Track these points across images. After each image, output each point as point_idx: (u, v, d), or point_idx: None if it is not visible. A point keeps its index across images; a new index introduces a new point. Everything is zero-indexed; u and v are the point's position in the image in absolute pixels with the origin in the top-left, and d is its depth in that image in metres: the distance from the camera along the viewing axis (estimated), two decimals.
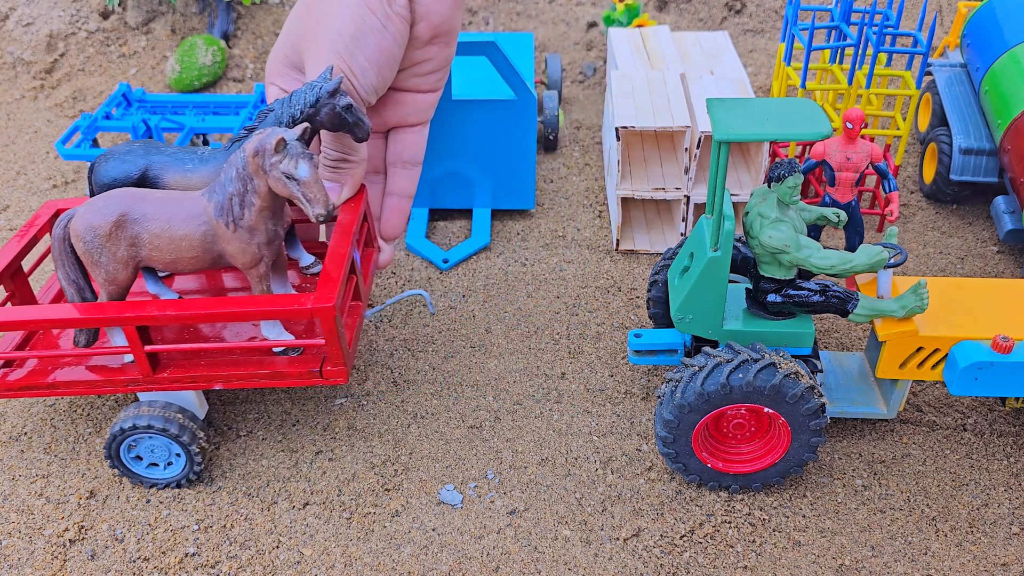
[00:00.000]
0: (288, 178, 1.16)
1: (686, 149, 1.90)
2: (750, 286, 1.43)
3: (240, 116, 2.29)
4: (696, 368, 1.34)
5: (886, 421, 1.57)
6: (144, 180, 1.38)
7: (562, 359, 1.72)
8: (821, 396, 1.33)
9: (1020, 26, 2.03)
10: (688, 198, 1.96)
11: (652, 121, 1.90)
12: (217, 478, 1.49)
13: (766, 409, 1.33)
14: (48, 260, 1.92)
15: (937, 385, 1.65)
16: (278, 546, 1.38)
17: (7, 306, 1.42)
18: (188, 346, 1.32)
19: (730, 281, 1.53)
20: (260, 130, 1.22)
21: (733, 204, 1.94)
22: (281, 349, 1.35)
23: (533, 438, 1.55)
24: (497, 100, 1.95)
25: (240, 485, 1.47)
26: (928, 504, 1.44)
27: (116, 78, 2.76)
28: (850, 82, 2.00)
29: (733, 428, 1.41)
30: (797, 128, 1.25)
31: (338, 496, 1.45)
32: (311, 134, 1.25)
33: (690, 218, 1.99)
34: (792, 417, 1.34)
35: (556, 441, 1.55)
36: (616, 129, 1.90)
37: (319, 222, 1.19)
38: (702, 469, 1.41)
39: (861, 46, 2.02)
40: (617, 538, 1.39)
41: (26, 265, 1.70)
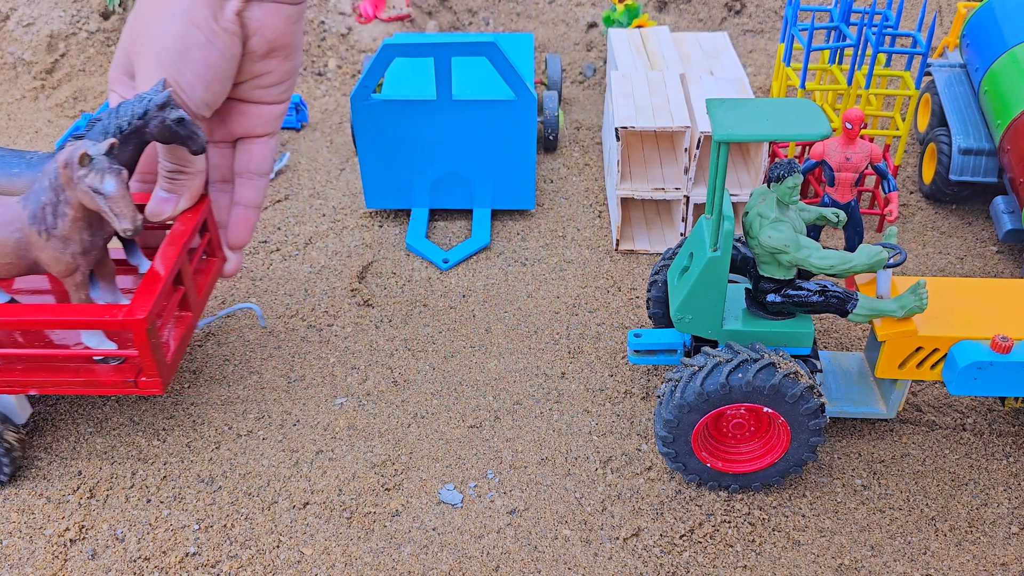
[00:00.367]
0: (95, 192, 1.15)
1: (686, 149, 1.90)
2: (750, 286, 1.43)
3: None
4: (696, 368, 1.34)
5: (885, 421, 1.58)
6: None
7: (562, 359, 1.72)
8: (820, 396, 1.33)
9: (1019, 26, 2.03)
10: (688, 198, 1.96)
11: (652, 121, 1.90)
12: (218, 478, 1.49)
13: (765, 409, 1.33)
14: None
15: (936, 385, 1.65)
16: (278, 545, 1.38)
17: None
18: (2, 351, 1.31)
19: (730, 281, 1.53)
20: (86, 140, 1.21)
21: (733, 204, 1.94)
22: (102, 358, 1.34)
23: (533, 438, 1.56)
24: (497, 100, 1.95)
25: (240, 485, 1.48)
26: (927, 504, 1.44)
27: None
28: (849, 82, 2.00)
29: (733, 428, 1.41)
30: (797, 128, 1.25)
31: (338, 496, 1.46)
32: (142, 146, 1.24)
33: (690, 218, 1.99)
34: (791, 417, 1.34)
35: (556, 441, 1.55)
36: (616, 129, 1.90)
37: (127, 236, 1.18)
38: (702, 469, 1.42)
39: (860, 46, 2.03)
40: (617, 538, 1.39)
41: None
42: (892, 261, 1.38)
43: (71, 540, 1.39)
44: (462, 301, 1.87)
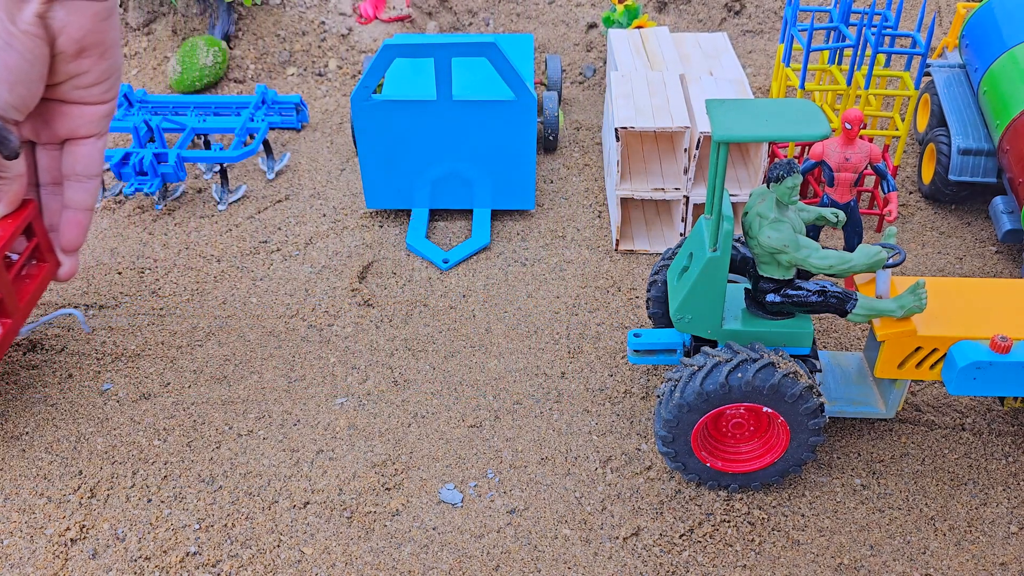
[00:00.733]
0: None
1: (685, 150, 1.91)
2: (749, 286, 1.43)
3: (241, 117, 2.29)
4: (695, 368, 1.34)
5: (885, 421, 1.58)
6: None
7: (562, 359, 1.72)
8: (820, 395, 1.34)
9: (1019, 27, 2.03)
10: (687, 198, 1.96)
11: (651, 122, 1.90)
12: (218, 477, 1.49)
13: (765, 408, 1.33)
14: None
15: (936, 385, 1.65)
16: (279, 545, 1.39)
17: None
18: None
19: (729, 281, 1.53)
20: None
21: (732, 204, 1.95)
22: None
23: (533, 437, 1.56)
24: (497, 101, 1.95)
25: (241, 484, 1.48)
26: (927, 503, 1.44)
27: None
28: (849, 83, 2.00)
29: (732, 427, 1.41)
30: (796, 129, 1.26)
31: (339, 495, 1.46)
32: None
33: (689, 218, 1.99)
34: (791, 416, 1.34)
35: (556, 440, 1.55)
36: (616, 130, 1.90)
37: None
38: (701, 468, 1.42)
39: (860, 47, 2.03)
40: (617, 537, 1.39)
41: None
42: (891, 261, 1.38)
43: (72, 540, 1.39)
44: (462, 301, 1.87)
